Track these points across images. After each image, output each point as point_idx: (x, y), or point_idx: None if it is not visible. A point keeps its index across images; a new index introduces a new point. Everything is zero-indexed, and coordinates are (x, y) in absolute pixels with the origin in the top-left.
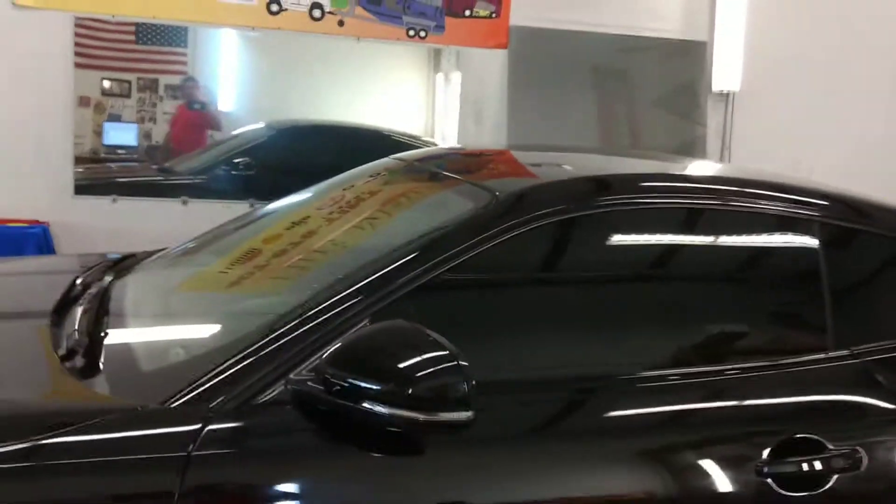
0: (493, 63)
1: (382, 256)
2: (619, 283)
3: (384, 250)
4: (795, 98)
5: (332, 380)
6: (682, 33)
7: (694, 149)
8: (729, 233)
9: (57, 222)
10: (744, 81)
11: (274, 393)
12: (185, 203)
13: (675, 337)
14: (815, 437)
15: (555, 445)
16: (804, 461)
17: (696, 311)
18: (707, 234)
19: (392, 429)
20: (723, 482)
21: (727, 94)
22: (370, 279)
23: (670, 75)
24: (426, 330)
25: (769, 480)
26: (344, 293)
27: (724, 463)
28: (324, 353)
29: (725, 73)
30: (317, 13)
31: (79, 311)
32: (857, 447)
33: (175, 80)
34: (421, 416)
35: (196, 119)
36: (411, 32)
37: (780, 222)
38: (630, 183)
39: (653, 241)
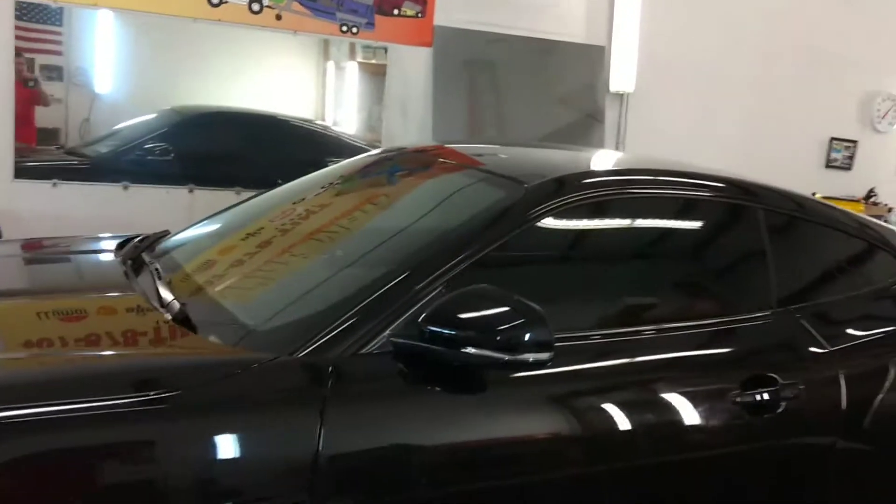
0: (418, 61)
1: (447, 234)
2: (626, 257)
3: (443, 230)
4: (678, 99)
5: (436, 332)
6: (585, 38)
7: (593, 143)
8: (708, 217)
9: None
10: (637, 83)
11: (377, 345)
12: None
13: (673, 298)
14: (770, 374)
15: (592, 382)
16: (763, 392)
17: (687, 277)
18: (694, 217)
19: (485, 369)
20: (711, 410)
21: (622, 95)
22: (442, 254)
23: (574, 76)
24: (508, 291)
25: (741, 408)
26: (423, 265)
27: (710, 395)
28: (410, 313)
29: (621, 75)
30: (255, 6)
31: (163, 281)
32: (798, 381)
33: (52, 59)
34: (507, 357)
35: (28, 96)
36: (344, 28)
37: (734, 210)
38: (622, 174)
39: (646, 225)
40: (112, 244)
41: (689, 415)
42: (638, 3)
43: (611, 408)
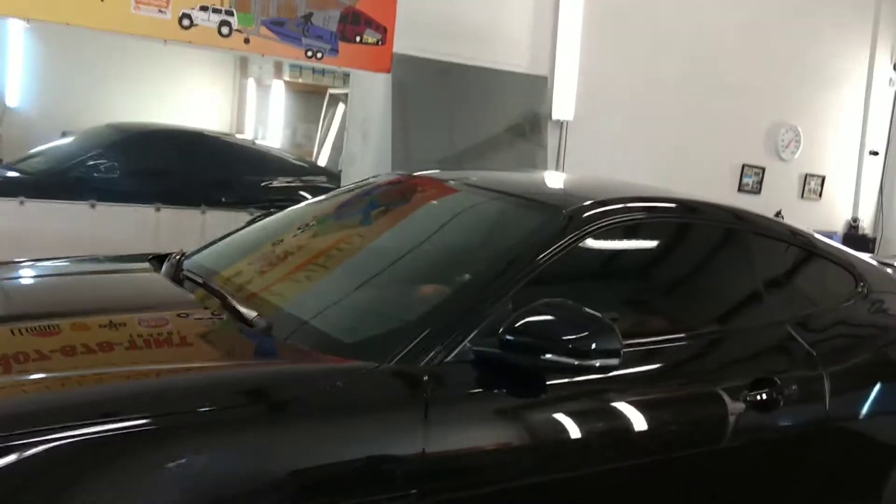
0: (378, 87)
1: (506, 254)
2: (651, 273)
3: (501, 251)
4: (612, 126)
5: (515, 341)
6: (529, 68)
7: (537, 167)
8: (716, 239)
9: None
10: (576, 112)
11: (455, 354)
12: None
13: (693, 309)
14: (771, 376)
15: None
16: (766, 392)
17: (703, 292)
18: (703, 239)
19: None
20: (729, 405)
21: (563, 122)
22: (507, 272)
23: (520, 104)
24: (578, 305)
25: (750, 405)
26: (493, 283)
27: (727, 392)
28: (483, 325)
29: (562, 104)
30: (225, 30)
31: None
32: (792, 381)
33: None
34: (576, 362)
35: None
36: (309, 53)
37: (736, 235)
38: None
39: (663, 245)
40: (129, 264)
41: (713, 408)
42: (578, 37)
43: (654, 405)
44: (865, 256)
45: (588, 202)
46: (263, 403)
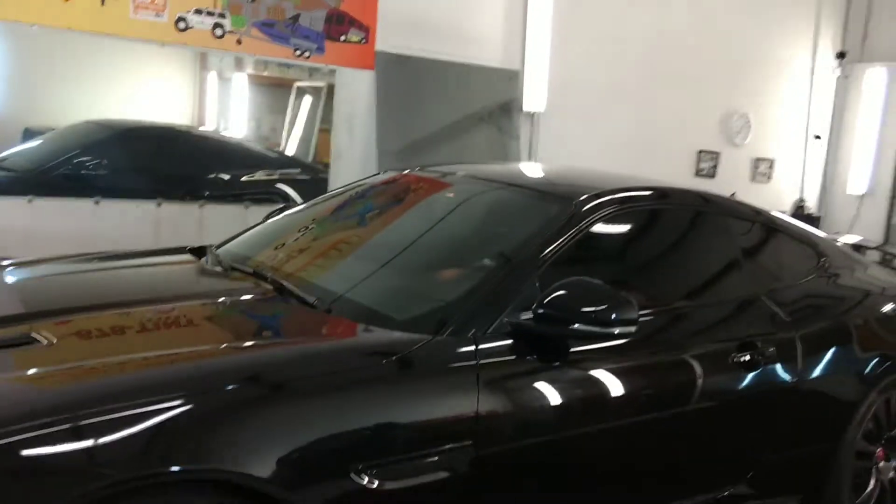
0: (362, 83)
1: (530, 241)
2: (649, 252)
3: (525, 237)
4: (580, 117)
5: (551, 310)
6: (502, 63)
7: (510, 158)
8: (704, 226)
9: None
10: (546, 103)
11: (493, 327)
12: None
13: (686, 282)
14: (753, 339)
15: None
16: (749, 354)
17: (696, 268)
18: (691, 226)
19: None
20: (718, 366)
21: (534, 114)
22: (540, 258)
23: (493, 97)
24: (599, 282)
25: (737, 365)
26: (522, 265)
27: (721, 354)
28: (516, 302)
29: (533, 96)
30: (218, 32)
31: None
32: (770, 345)
33: None
34: (608, 330)
35: None
36: (297, 52)
37: (721, 220)
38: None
39: (659, 228)
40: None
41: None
42: (548, 33)
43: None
44: (822, 234)
45: (594, 192)
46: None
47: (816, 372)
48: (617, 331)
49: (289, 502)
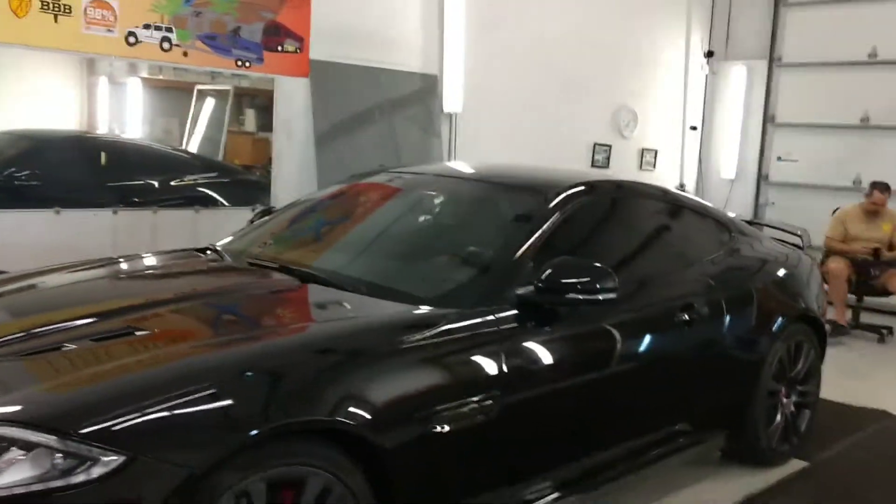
0: (298, 90)
1: (523, 229)
2: (611, 234)
3: (520, 227)
4: (493, 116)
5: (549, 283)
6: (422, 68)
7: (433, 157)
8: (649, 211)
9: None
10: (464, 105)
11: (504, 300)
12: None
13: (646, 262)
14: (691, 300)
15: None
16: (688, 313)
17: (651, 248)
18: (643, 211)
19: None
20: (667, 324)
21: (452, 115)
22: (530, 242)
23: (416, 101)
24: (585, 259)
25: (680, 322)
26: (522, 249)
27: (669, 314)
28: (518, 279)
29: (451, 99)
30: (166, 45)
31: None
32: (703, 306)
33: None
34: (587, 297)
35: None
36: (239, 63)
37: (666, 205)
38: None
39: (618, 214)
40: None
41: (658, 324)
42: (462, 40)
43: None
44: (730, 214)
45: (564, 185)
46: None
47: (737, 327)
48: (601, 297)
49: (378, 444)
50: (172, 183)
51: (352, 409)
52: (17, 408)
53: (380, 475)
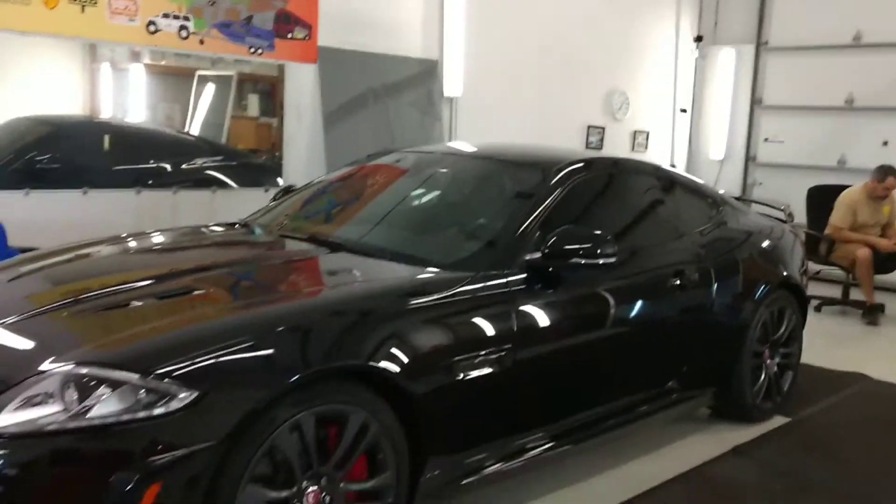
0: (307, 76)
1: (532, 201)
2: (611, 206)
3: (526, 200)
4: (493, 100)
5: (555, 249)
6: (423, 53)
7: (434, 139)
8: (643, 185)
9: None
10: (464, 89)
11: (514, 265)
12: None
13: (641, 232)
14: (682, 268)
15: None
16: (680, 278)
17: (644, 220)
18: (638, 185)
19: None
20: (660, 289)
21: (453, 99)
22: (536, 213)
23: (417, 85)
24: (587, 228)
25: (673, 287)
26: (529, 219)
27: (662, 279)
28: (528, 247)
29: (452, 83)
30: (183, 33)
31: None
32: (694, 273)
33: None
34: (589, 261)
35: None
36: (252, 50)
37: (658, 181)
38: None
39: (616, 188)
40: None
41: (655, 288)
42: (462, 26)
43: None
44: (719, 190)
45: (566, 161)
46: (435, 297)
47: (724, 293)
48: (601, 261)
49: (410, 391)
50: (184, 166)
51: (384, 357)
52: (103, 352)
53: (409, 417)
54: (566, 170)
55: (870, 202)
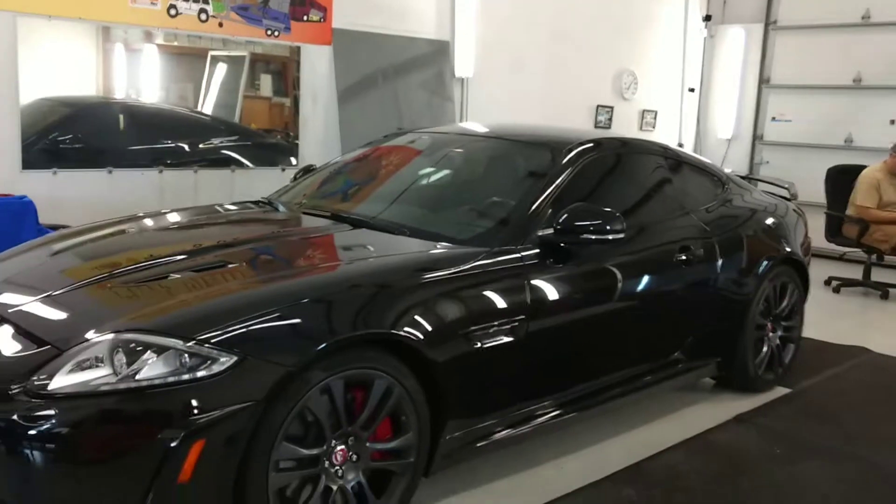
0: (322, 57)
1: (545, 180)
2: (620, 184)
3: (537, 178)
4: (503, 80)
5: (566, 226)
6: (435, 35)
7: (446, 119)
8: (651, 164)
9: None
10: (475, 70)
11: (527, 240)
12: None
13: (648, 209)
14: (688, 243)
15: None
16: (685, 253)
17: (652, 197)
18: (646, 164)
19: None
20: (667, 263)
21: (464, 79)
22: (549, 191)
23: (429, 66)
24: (596, 205)
25: (679, 262)
26: (542, 197)
27: (668, 255)
28: (540, 223)
29: (463, 64)
30: (203, 16)
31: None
32: (699, 248)
33: None
34: (599, 237)
35: None
36: (269, 32)
37: (665, 160)
38: (613, 140)
39: (624, 166)
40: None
41: (662, 262)
42: (473, 7)
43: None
44: (725, 168)
45: (577, 141)
46: (454, 269)
47: (729, 268)
48: (611, 237)
49: (431, 358)
50: (201, 146)
51: (406, 326)
52: (148, 321)
53: (431, 383)
54: (577, 150)
55: (891, 179)
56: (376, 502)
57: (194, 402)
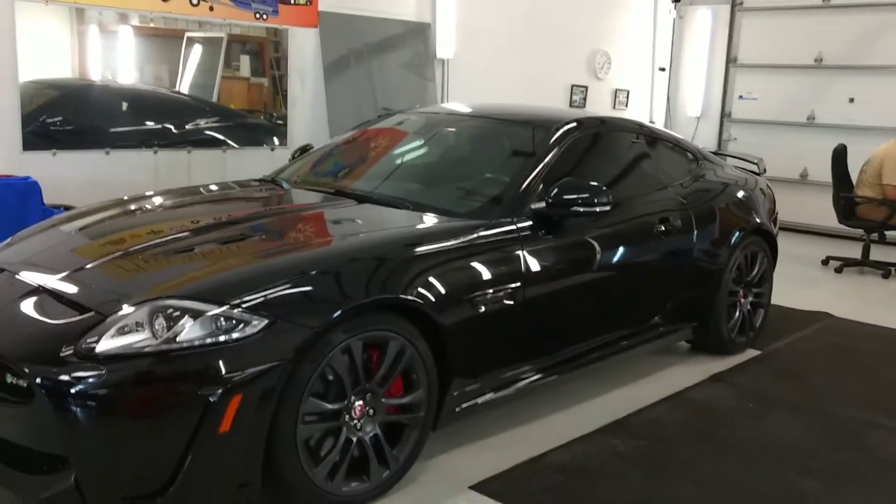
0: (309, 39)
1: (535, 157)
2: (605, 160)
3: (530, 154)
4: (483, 61)
5: (557, 199)
6: (416, 17)
7: (427, 100)
8: (629, 142)
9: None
10: (456, 51)
11: (522, 213)
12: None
13: (628, 183)
14: (666, 215)
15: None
16: (664, 225)
17: (631, 172)
18: (626, 141)
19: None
20: (647, 234)
21: (445, 60)
22: (539, 168)
23: (410, 47)
24: (585, 180)
25: (659, 233)
26: (534, 173)
27: (649, 226)
28: (533, 197)
29: (444, 45)
30: (195, 0)
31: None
32: (677, 219)
33: None
34: (587, 209)
35: None
36: (258, 15)
37: (647, 138)
38: (594, 120)
39: (607, 144)
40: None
41: (642, 236)
42: None
43: (619, 234)
44: (697, 144)
45: (562, 122)
46: (456, 240)
47: (704, 238)
48: (598, 209)
49: (439, 322)
50: (187, 127)
51: (415, 292)
52: (183, 288)
53: (439, 344)
54: (563, 129)
55: None
56: (391, 452)
57: (231, 362)
